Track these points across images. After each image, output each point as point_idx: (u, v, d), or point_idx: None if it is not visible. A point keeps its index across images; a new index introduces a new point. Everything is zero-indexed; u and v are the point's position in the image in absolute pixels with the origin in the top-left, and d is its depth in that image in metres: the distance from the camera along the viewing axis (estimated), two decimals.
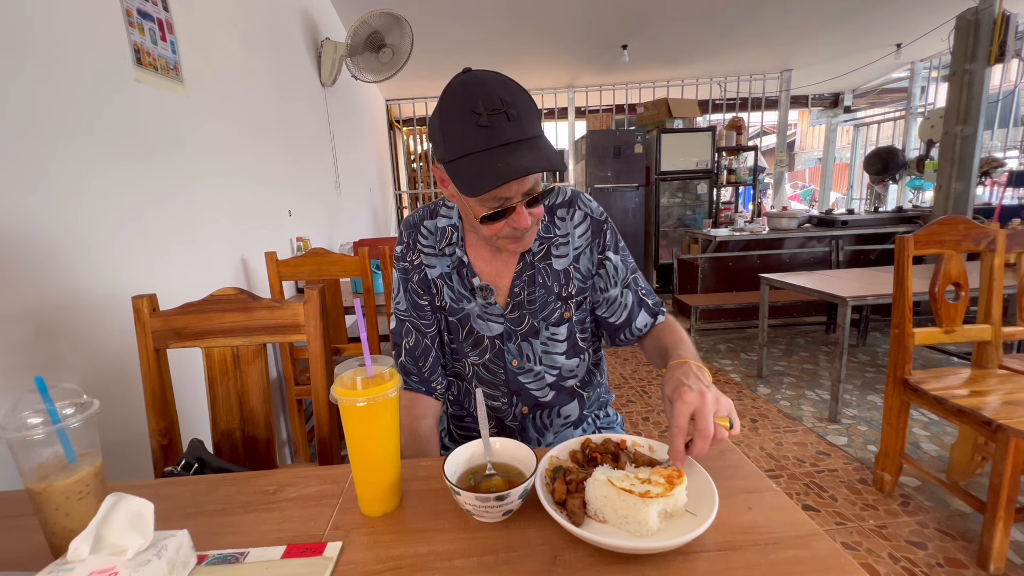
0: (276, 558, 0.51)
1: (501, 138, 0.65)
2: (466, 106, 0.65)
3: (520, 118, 0.67)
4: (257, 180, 1.96)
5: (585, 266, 0.89)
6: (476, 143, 0.66)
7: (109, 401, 1.08)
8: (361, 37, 2.84)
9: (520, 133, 0.67)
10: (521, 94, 0.68)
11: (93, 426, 0.53)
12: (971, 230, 1.60)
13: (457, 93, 0.67)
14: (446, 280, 0.88)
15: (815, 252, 3.74)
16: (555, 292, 0.87)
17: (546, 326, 0.88)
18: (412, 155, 6.62)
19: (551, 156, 0.68)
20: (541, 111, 0.67)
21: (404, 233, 0.90)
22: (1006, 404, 1.39)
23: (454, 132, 0.67)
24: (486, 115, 0.65)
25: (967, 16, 3.03)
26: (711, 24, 4.11)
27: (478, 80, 0.67)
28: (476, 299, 0.86)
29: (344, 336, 1.89)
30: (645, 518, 0.51)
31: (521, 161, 0.65)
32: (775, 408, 2.46)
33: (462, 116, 0.66)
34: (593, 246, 0.89)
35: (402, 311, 0.90)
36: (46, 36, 1.00)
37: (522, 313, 0.87)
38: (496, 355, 0.89)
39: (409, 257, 0.89)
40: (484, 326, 0.87)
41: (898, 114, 6.01)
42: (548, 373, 0.90)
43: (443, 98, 0.69)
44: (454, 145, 0.68)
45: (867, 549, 1.47)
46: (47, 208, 0.97)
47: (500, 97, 0.66)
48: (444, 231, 0.88)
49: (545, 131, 0.73)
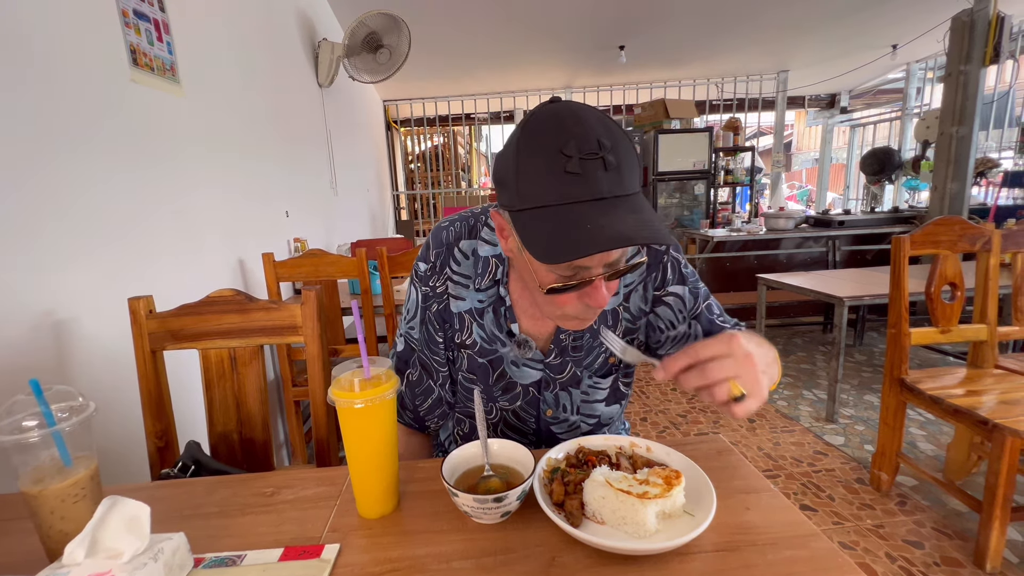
0: (273, 560, 0.51)
1: (594, 192, 0.51)
2: (554, 144, 0.51)
3: (620, 168, 0.53)
4: (254, 181, 1.95)
5: (636, 305, 0.76)
6: (561, 193, 0.52)
7: (105, 403, 1.07)
8: (358, 38, 2.83)
9: (618, 188, 0.53)
10: (622, 138, 0.54)
11: (89, 429, 0.53)
12: (967, 230, 1.60)
13: (543, 126, 0.54)
14: (475, 317, 0.74)
15: (812, 252, 3.75)
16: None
17: (589, 375, 0.77)
18: (410, 156, 6.63)
19: (656, 224, 0.52)
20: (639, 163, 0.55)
21: (432, 250, 0.74)
22: (1002, 403, 1.39)
23: (532, 174, 0.53)
24: (578, 159, 0.51)
25: (962, 17, 3.05)
26: (708, 25, 4.13)
27: (574, 114, 0.54)
28: (511, 346, 0.74)
29: (342, 337, 1.89)
30: (643, 519, 0.51)
31: (619, 226, 0.51)
32: (772, 408, 2.46)
33: (546, 156, 0.52)
34: (648, 282, 0.75)
35: (415, 339, 0.78)
36: (41, 37, 1.00)
37: (565, 360, 0.75)
38: (529, 403, 0.78)
39: (433, 281, 0.74)
40: (519, 372, 0.76)
41: (894, 115, 6.04)
42: (584, 423, 0.80)
43: (524, 129, 0.55)
44: (530, 191, 0.54)
45: (864, 549, 1.47)
46: (42, 209, 0.97)
47: (598, 139, 0.51)
48: (487, 262, 0.72)
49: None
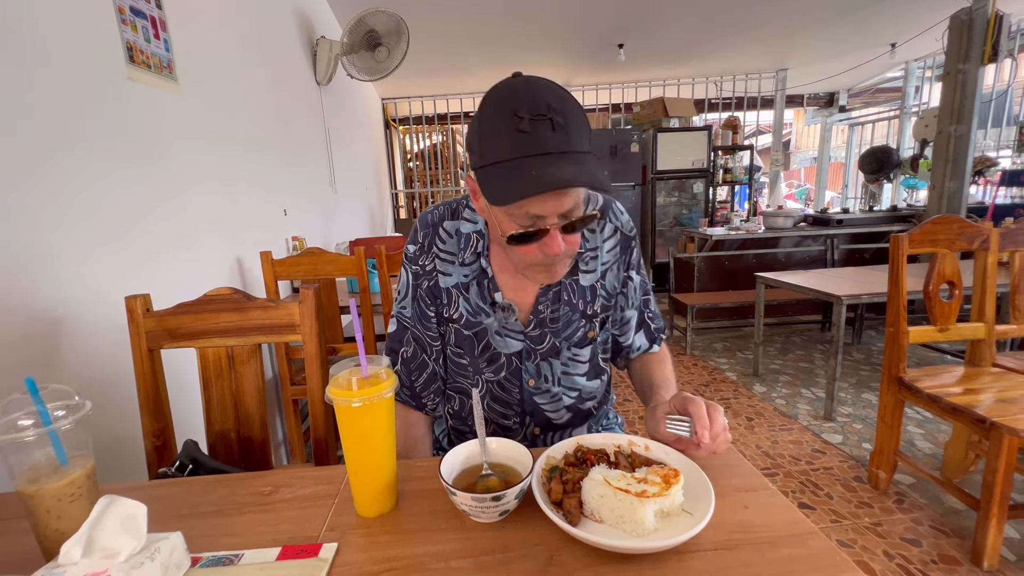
0: (271, 560, 0.51)
1: (542, 147, 0.59)
2: (508, 109, 0.60)
3: (567, 128, 0.60)
4: (252, 179, 1.95)
5: (611, 283, 0.84)
6: (513, 149, 0.60)
7: (102, 402, 1.07)
8: (357, 35, 2.82)
9: (564, 145, 0.60)
10: (572, 104, 0.62)
11: (85, 428, 0.52)
12: (965, 229, 1.61)
13: (500, 95, 0.62)
14: (462, 291, 0.80)
15: (810, 251, 3.75)
16: (580, 310, 0.82)
17: (568, 346, 0.83)
18: (408, 154, 6.61)
19: (596, 174, 0.60)
20: (591, 130, 0.65)
21: (419, 232, 0.81)
22: (999, 402, 1.40)
23: (490, 136, 0.62)
24: (528, 120, 0.58)
25: (961, 16, 3.05)
26: (707, 23, 4.12)
27: (527, 84, 0.62)
28: (495, 315, 0.80)
29: (340, 336, 1.89)
30: (641, 518, 0.51)
31: (560, 173, 0.58)
32: (771, 406, 2.47)
33: (502, 119, 0.60)
34: (620, 263, 0.84)
35: (407, 317, 0.83)
36: (37, 34, 0.99)
37: (544, 331, 0.81)
38: (512, 373, 0.83)
39: (422, 260, 0.81)
40: (502, 342, 0.81)
41: (892, 113, 6.05)
42: (567, 395, 0.85)
43: (485, 100, 0.64)
44: (488, 150, 0.62)
45: (862, 547, 1.47)
46: (39, 207, 0.96)
47: (547, 103, 0.59)
48: (468, 237, 0.79)
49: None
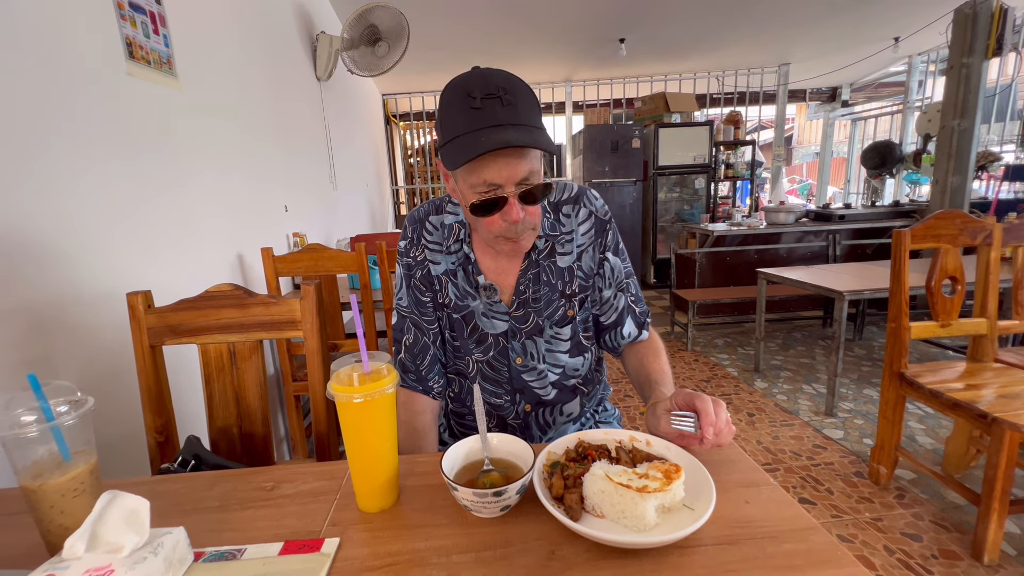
0: (273, 554, 0.51)
1: (494, 119, 0.65)
2: (463, 92, 0.67)
3: (516, 105, 0.66)
4: (253, 175, 1.94)
5: (588, 264, 0.89)
6: (467, 124, 0.66)
7: (104, 398, 1.07)
8: (357, 31, 2.81)
9: (514, 118, 0.66)
10: (522, 87, 0.69)
11: (88, 423, 0.53)
12: (967, 224, 1.60)
13: (456, 83, 0.69)
14: (451, 277, 0.87)
15: (812, 246, 3.74)
16: (559, 290, 0.87)
17: (550, 324, 0.88)
18: (409, 150, 6.59)
19: (540, 137, 0.67)
20: (541, 108, 0.72)
21: (408, 228, 0.89)
22: (1001, 397, 1.39)
23: (448, 116, 0.68)
24: (480, 99, 0.65)
25: (965, 9, 3.03)
26: (709, 18, 4.10)
27: (480, 72, 0.69)
28: (480, 297, 0.86)
29: (341, 332, 1.89)
30: (643, 513, 0.51)
31: (506, 136, 0.64)
32: (772, 402, 2.47)
33: (458, 101, 0.67)
34: (596, 245, 0.89)
35: (404, 307, 0.89)
36: (36, 29, 0.99)
37: (527, 311, 0.86)
38: (500, 353, 0.88)
39: (413, 253, 0.88)
40: (488, 324, 0.87)
41: (895, 108, 6.01)
42: (551, 371, 0.89)
43: (444, 90, 0.71)
44: (448, 128, 0.69)
45: (863, 541, 1.48)
46: (39, 204, 0.96)
47: (497, 85, 0.66)
48: (451, 228, 0.87)
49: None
